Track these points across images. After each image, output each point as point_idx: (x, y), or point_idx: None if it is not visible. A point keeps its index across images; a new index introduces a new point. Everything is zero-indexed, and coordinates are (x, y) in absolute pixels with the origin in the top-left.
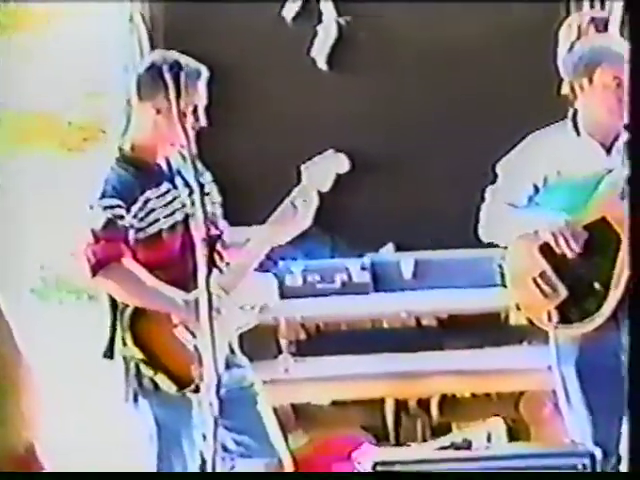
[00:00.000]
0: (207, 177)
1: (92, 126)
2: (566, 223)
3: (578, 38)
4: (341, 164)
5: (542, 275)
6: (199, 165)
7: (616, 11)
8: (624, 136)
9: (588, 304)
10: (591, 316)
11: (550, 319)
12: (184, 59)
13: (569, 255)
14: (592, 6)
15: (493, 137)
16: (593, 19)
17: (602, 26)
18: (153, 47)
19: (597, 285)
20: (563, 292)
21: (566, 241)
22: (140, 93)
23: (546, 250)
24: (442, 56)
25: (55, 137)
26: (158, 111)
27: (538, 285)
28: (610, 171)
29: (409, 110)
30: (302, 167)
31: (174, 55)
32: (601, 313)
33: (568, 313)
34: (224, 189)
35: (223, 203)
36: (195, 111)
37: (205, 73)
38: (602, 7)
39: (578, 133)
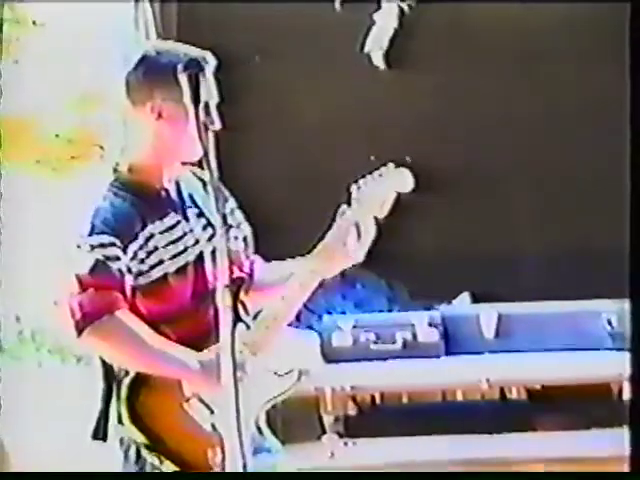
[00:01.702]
0: (231, 204)
1: (85, 140)
2: None
3: None
4: (403, 182)
5: None
6: (217, 187)
7: None
8: None
9: None
10: None
11: None
12: (183, 48)
13: None
14: None
15: (594, 153)
16: None
17: None
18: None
19: None
20: None
21: None
22: (132, 96)
23: None
24: (528, 49)
25: (35, 152)
26: (159, 115)
27: None
28: None
29: (487, 118)
30: (353, 186)
31: (168, 45)
32: None
33: None
34: (251, 219)
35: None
36: (206, 111)
37: (212, 62)
38: None
39: None
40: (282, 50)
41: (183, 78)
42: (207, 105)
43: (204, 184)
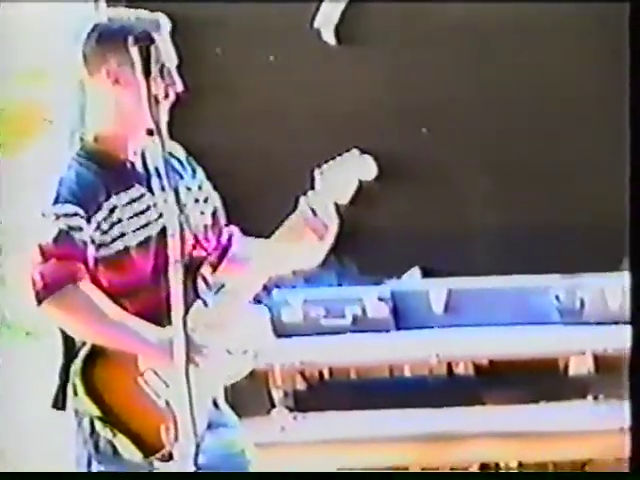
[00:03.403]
0: (200, 176)
1: (32, 114)
2: None
3: None
4: (367, 169)
5: None
6: (185, 160)
7: None
8: None
9: None
10: None
11: None
12: (134, 13)
13: None
14: None
15: (546, 131)
16: None
17: None
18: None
19: None
20: None
21: None
22: (88, 65)
23: None
24: (481, 24)
25: None
26: (116, 81)
27: None
28: None
29: (439, 98)
30: (316, 171)
31: (119, 12)
32: None
33: None
34: (224, 191)
35: (226, 209)
36: (164, 73)
37: (167, 24)
38: None
39: None
40: (233, 23)
41: (134, 50)
42: (165, 69)
43: (173, 157)
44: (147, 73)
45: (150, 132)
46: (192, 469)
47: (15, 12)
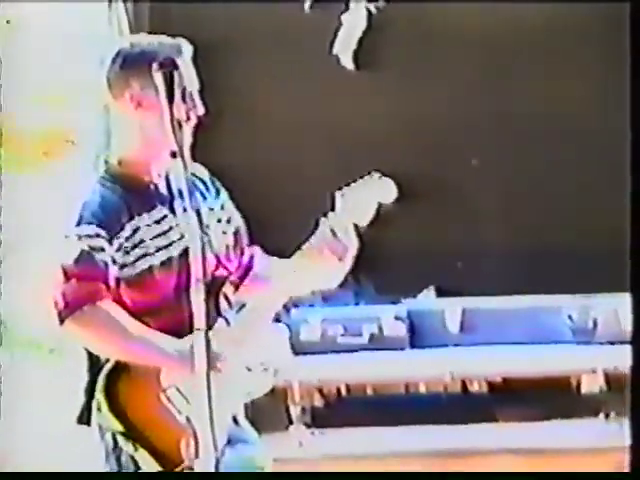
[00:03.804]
0: (223, 197)
1: (56, 136)
2: None
3: None
4: (387, 192)
5: None
6: (209, 181)
7: None
8: None
9: None
10: None
11: None
12: (157, 40)
13: None
14: None
15: (558, 154)
16: None
17: None
18: None
19: None
20: None
21: None
22: (112, 90)
23: None
24: (495, 50)
25: (10, 148)
26: (139, 104)
27: None
28: None
29: (454, 121)
30: (337, 193)
31: (141, 38)
32: None
33: None
34: (247, 212)
35: (249, 229)
36: (186, 97)
37: (189, 49)
38: None
39: None
40: (253, 48)
41: (158, 76)
42: (187, 93)
43: (197, 179)
44: (170, 98)
45: (173, 154)
46: None
47: (42, 34)
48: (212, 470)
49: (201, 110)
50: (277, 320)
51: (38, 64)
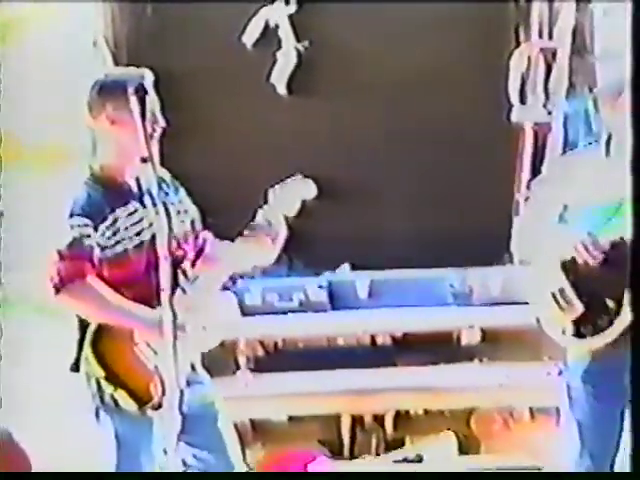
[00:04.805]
0: (182, 194)
1: (53, 150)
2: (590, 237)
3: (528, 68)
4: (308, 190)
5: (561, 291)
6: (170, 181)
7: (565, 40)
8: None
9: (601, 320)
10: (603, 332)
11: (565, 333)
12: (125, 71)
13: (593, 266)
14: (540, 36)
15: (445, 159)
16: (542, 49)
17: (550, 56)
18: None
19: (610, 302)
20: (580, 308)
21: (589, 253)
22: (92, 112)
23: (567, 267)
24: (398, 80)
25: (19, 159)
26: (113, 122)
27: (557, 301)
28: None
29: (367, 135)
30: (270, 190)
31: (115, 70)
32: (612, 330)
33: (582, 328)
34: (201, 205)
35: (202, 218)
36: (151, 114)
37: (150, 76)
38: (551, 37)
39: (608, 156)
40: (208, 76)
41: (133, 99)
42: (151, 111)
43: (160, 179)
44: (143, 115)
45: (143, 160)
46: (178, 416)
47: (41, 64)
48: (176, 405)
49: (163, 123)
50: (227, 289)
51: (38, 87)
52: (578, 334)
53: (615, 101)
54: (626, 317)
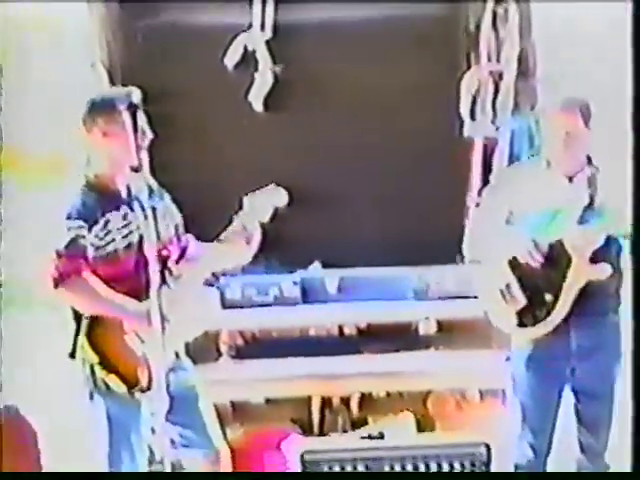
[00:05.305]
0: (167, 200)
1: (51, 161)
2: (533, 241)
3: (478, 88)
4: (281, 198)
5: (507, 287)
6: (156, 188)
7: (511, 64)
8: (587, 170)
9: (540, 312)
10: (542, 322)
11: (510, 323)
12: (115, 90)
13: (534, 265)
14: (489, 60)
15: (406, 169)
16: (491, 72)
17: (498, 78)
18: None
19: (548, 296)
20: (522, 301)
21: (532, 255)
22: (86, 126)
23: (513, 265)
24: (364, 99)
25: (21, 169)
26: (105, 134)
27: (503, 295)
28: (572, 199)
29: (335, 148)
30: (245, 198)
31: (107, 90)
32: (550, 320)
33: (524, 319)
34: (184, 210)
35: (185, 222)
36: (140, 128)
37: (139, 94)
38: (498, 61)
39: (548, 167)
40: (193, 93)
41: (126, 114)
42: (141, 126)
43: (147, 187)
44: (135, 129)
45: (135, 169)
46: (166, 397)
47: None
48: (164, 387)
49: (150, 136)
50: (210, 285)
51: (40, 104)
52: (521, 324)
53: (553, 118)
54: (562, 309)
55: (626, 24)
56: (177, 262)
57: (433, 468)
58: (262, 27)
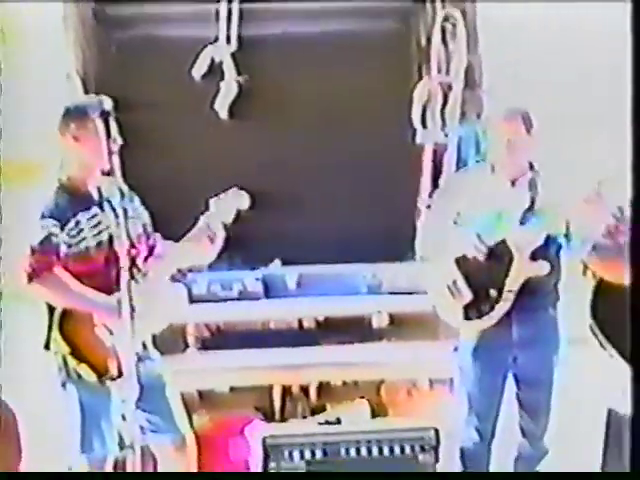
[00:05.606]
0: (136, 201)
1: (31, 165)
2: (479, 239)
3: (429, 98)
4: (243, 201)
5: (455, 282)
6: (126, 191)
7: (459, 76)
8: (528, 174)
9: (484, 306)
10: (486, 315)
11: (457, 317)
12: (87, 98)
13: (480, 258)
14: (439, 72)
15: (361, 174)
16: (440, 83)
17: (447, 89)
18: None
19: (492, 291)
20: (468, 296)
21: (477, 248)
22: (60, 130)
23: (459, 262)
24: (322, 108)
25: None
26: (76, 139)
27: (451, 290)
28: (514, 202)
29: (295, 153)
30: (210, 200)
31: (80, 98)
32: (494, 314)
33: (470, 313)
34: (153, 211)
35: (154, 222)
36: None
37: (110, 102)
38: (447, 73)
39: (493, 172)
40: (162, 102)
41: (99, 120)
42: (111, 131)
43: (118, 189)
44: (108, 135)
45: (105, 173)
46: (136, 385)
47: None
48: (134, 376)
49: (120, 142)
50: (178, 281)
51: (17, 112)
52: (467, 317)
53: (497, 126)
54: (505, 304)
55: (626, 24)
56: (145, 260)
57: (386, 451)
58: (228, 40)
